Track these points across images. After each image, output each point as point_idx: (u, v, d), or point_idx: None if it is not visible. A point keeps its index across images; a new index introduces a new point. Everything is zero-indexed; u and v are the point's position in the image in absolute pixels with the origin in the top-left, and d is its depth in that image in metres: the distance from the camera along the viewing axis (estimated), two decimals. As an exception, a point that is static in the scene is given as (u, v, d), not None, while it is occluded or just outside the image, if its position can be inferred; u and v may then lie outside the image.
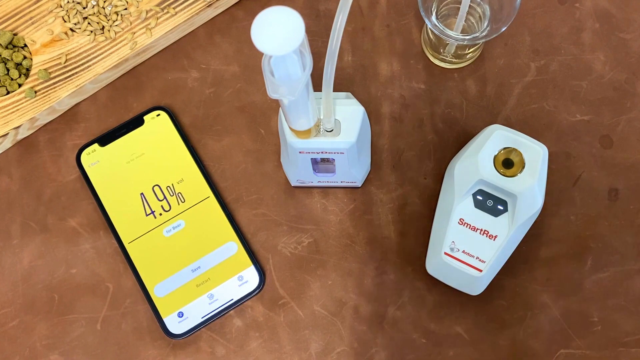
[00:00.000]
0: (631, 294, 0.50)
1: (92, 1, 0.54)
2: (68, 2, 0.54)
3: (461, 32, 0.50)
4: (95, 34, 0.54)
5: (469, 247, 0.46)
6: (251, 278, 0.50)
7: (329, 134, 0.44)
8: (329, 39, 0.36)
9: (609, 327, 0.49)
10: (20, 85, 0.53)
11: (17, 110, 0.53)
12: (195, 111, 0.54)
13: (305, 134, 0.43)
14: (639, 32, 0.55)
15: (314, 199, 0.52)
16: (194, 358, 0.50)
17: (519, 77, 0.54)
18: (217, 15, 0.56)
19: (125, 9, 0.54)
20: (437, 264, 0.48)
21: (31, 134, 0.54)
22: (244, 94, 0.55)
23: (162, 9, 0.54)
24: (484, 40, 0.49)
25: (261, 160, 0.53)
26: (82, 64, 0.54)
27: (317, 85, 0.40)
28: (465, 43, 0.49)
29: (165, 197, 0.52)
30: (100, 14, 0.54)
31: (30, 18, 0.54)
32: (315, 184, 0.51)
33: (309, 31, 0.54)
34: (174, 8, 0.54)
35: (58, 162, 0.54)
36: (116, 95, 0.55)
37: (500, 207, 0.46)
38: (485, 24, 0.51)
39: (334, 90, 0.41)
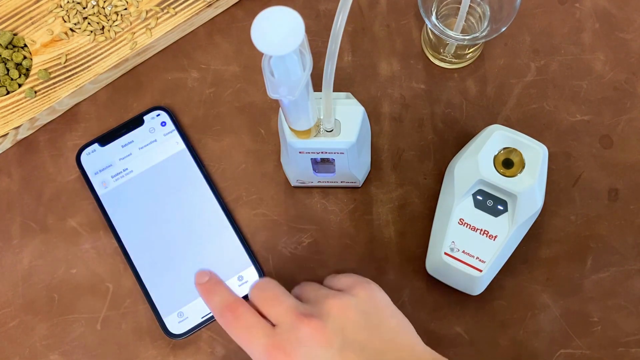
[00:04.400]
0: (631, 294, 0.50)
1: (92, 1, 0.54)
2: (68, 2, 0.54)
3: (461, 32, 0.50)
4: (95, 34, 0.54)
5: (469, 247, 0.46)
6: (251, 278, 0.50)
7: (329, 134, 0.44)
8: (329, 39, 0.36)
9: (609, 327, 0.49)
10: (20, 85, 0.53)
11: (17, 110, 0.53)
12: (195, 111, 0.54)
13: (305, 134, 0.43)
14: (639, 32, 0.55)
15: (314, 199, 0.52)
16: (194, 358, 0.50)
17: (519, 77, 0.54)
18: (217, 15, 0.56)
19: (125, 9, 0.54)
20: (437, 264, 0.48)
21: (31, 134, 0.54)
22: (244, 94, 0.55)
23: (162, 9, 0.54)
24: (484, 40, 0.49)
25: (261, 160, 0.53)
26: (82, 64, 0.54)
27: (317, 85, 0.40)
28: (465, 43, 0.49)
29: (165, 197, 0.52)
30: (100, 14, 0.54)
31: (30, 18, 0.54)
32: (315, 184, 0.51)
33: (309, 31, 0.54)
34: (174, 8, 0.54)
35: (58, 162, 0.54)
36: (116, 95, 0.55)
37: (500, 207, 0.46)
38: (485, 24, 0.51)
39: (334, 90, 0.41)
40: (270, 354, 0.38)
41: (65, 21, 0.54)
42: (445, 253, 0.46)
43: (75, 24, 0.54)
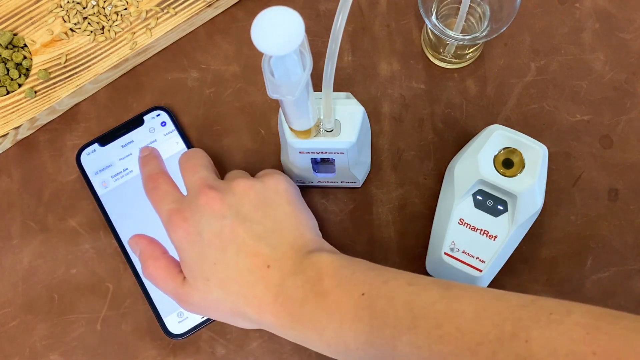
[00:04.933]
0: (631, 294, 0.50)
1: (92, 1, 0.54)
2: (68, 2, 0.54)
3: (461, 32, 0.50)
4: (95, 34, 0.54)
5: (469, 247, 0.46)
6: (251, 278, 0.50)
7: (329, 134, 0.44)
8: (329, 39, 0.36)
9: (609, 327, 0.49)
10: (20, 85, 0.53)
11: (17, 110, 0.53)
12: (195, 111, 0.54)
13: (305, 134, 0.43)
14: (639, 32, 0.55)
15: (314, 199, 0.52)
16: (194, 358, 0.50)
17: (519, 77, 0.54)
18: (217, 15, 0.56)
19: (125, 9, 0.54)
20: (437, 264, 0.48)
21: (31, 134, 0.54)
22: (244, 94, 0.55)
23: (162, 9, 0.54)
24: (484, 40, 0.49)
25: (261, 160, 0.53)
26: (82, 64, 0.54)
27: (317, 85, 0.40)
28: (465, 43, 0.49)
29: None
30: (100, 14, 0.54)
31: (30, 18, 0.54)
32: (315, 184, 0.51)
33: (309, 31, 0.54)
34: (174, 8, 0.54)
35: (58, 162, 0.54)
36: (116, 95, 0.55)
37: (500, 207, 0.46)
38: (485, 24, 0.51)
39: (334, 90, 0.41)
40: (171, 218, 0.42)
41: (65, 21, 0.54)
42: (445, 253, 0.46)
43: (75, 24, 0.54)
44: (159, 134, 0.53)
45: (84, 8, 0.54)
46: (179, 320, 0.50)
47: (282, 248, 0.41)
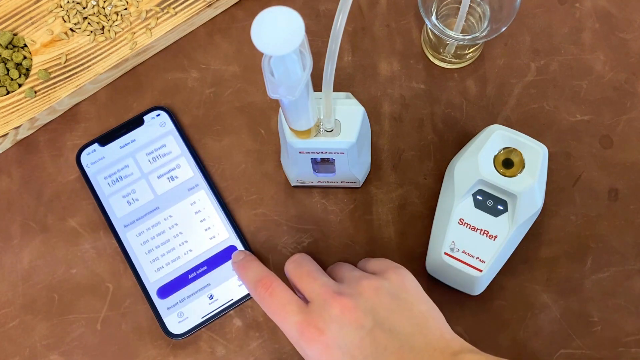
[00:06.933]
0: (631, 294, 0.50)
1: (92, 1, 0.54)
2: (68, 2, 0.54)
3: (461, 32, 0.50)
4: (95, 34, 0.54)
5: (469, 247, 0.46)
6: (251, 278, 0.50)
7: (329, 134, 0.44)
8: (329, 39, 0.36)
9: (609, 327, 0.49)
10: (20, 85, 0.53)
11: (17, 110, 0.53)
12: (195, 111, 0.54)
13: (305, 134, 0.43)
14: (639, 32, 0.55)
15: (314, 199, 0.52)
16: (194, 358, 0.50)
17: (519, 77, 0.54)
18: (217, 15, 0.56)
19: (125, 9, 0.54)
20: (437, 264, 0.48)
21: (31, 134, 0.54)
22: (244, 94, 0.55)
23: (162, 9, 0.54)
24: (484, 40, 0.49)
25: (261, 160, 0.53)
26: (82, 64, 0.54)
27: (317, 85, 0.40)
28: (465, 43, 0.49)
29: (165, 197, 0.52)
30: (100, 14, 0.54)
31: (30, 18, 0.54)
32: (315, 184, 0.51)
33: (309, 31, 0.54)
34: (174, 8, 0.54)
35: (58, 162, 0.54)
36: (116, 95, 0.55)
37: (500, 207, 0.46)
38: (485, 24, 0.51)
39: (334, 90, 0.41)
40: (303, 331, 0.39)
41: (65, 21, 0.54)
42: (445, 253, 0.46)
43: (75, 24, 0.54)
44: (159, 134, 0.53)
45: (84, 8, 0.54)
46: (178, 320, 0.50)
47: (427, 351, 0.39)
